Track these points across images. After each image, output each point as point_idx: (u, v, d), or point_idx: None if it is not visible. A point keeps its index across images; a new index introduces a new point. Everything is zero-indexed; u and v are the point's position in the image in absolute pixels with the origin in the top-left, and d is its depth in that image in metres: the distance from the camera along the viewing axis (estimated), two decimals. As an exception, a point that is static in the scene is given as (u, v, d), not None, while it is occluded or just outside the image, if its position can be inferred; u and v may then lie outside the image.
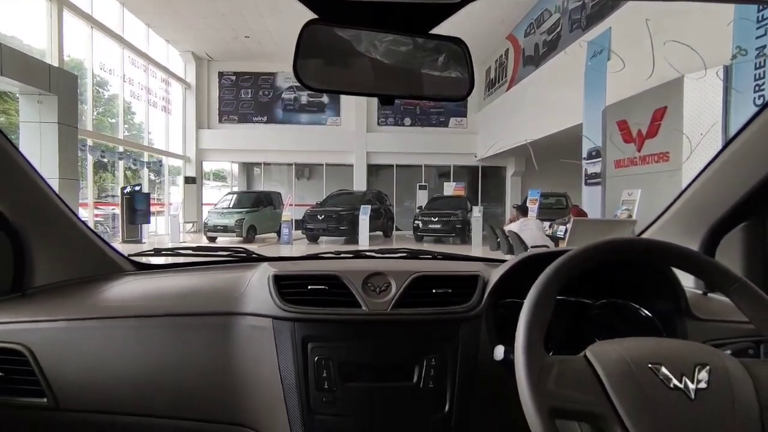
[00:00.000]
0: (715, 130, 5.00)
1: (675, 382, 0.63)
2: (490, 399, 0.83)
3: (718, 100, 4.98)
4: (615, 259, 0.72)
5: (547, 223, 7.37)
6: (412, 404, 0.79)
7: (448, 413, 0.79)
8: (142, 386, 0.85)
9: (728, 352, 0.69)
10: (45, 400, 0.85)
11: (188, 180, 14.59)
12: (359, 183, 14.97)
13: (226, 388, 0.84)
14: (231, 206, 11.98)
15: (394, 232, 13.43)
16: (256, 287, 0.91)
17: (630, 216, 6.00)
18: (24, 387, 0.86)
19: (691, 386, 0.63)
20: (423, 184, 14.34)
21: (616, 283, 1.01)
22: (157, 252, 1.35)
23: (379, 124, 15.61)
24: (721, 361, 0.66)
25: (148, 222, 10.97)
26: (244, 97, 15.57)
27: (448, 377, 0.81)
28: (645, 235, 1.13)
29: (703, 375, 0.64)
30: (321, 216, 11.16)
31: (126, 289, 1.06)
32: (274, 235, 12.41)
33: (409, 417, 0.79)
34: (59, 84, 7.28)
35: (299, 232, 11.55)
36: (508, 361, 0.72)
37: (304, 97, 15.61)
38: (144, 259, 1.30)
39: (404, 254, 1.20)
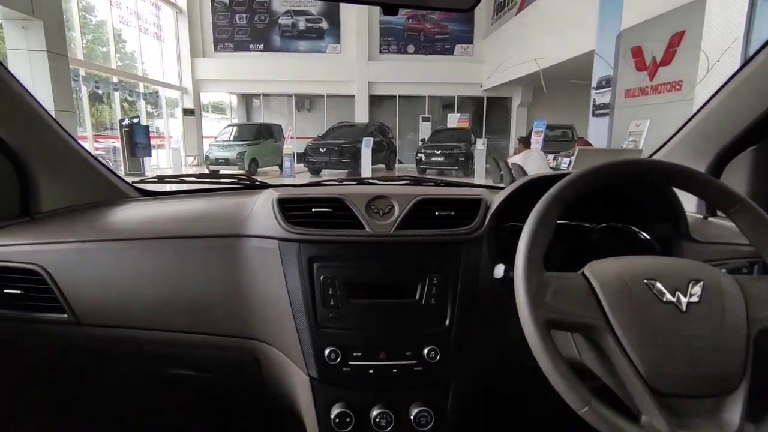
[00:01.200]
0: (735, 48, 4.75)
1: (668, 296, 0.65)
2: (489, 315, 0.87)
3: (741, 19, 4.69)
4: (619, 180, 0.72)
5: (551, 156, 7.29)
6: (414, 319, 0.83)
7: (449, 327, 0.83)
8: (156, 304, 0.89)
9: (723, 270, 0.71)
10: (66, 316, 0.89)
11: (186, 112, 14.28)
12: (361, 115, 14.63)
13: (237, 306, 0.88)
14: (232, 139, 11.83)
15: (397, 165, 13.35)
16: (261, 211, 0.92)
17: (636, 147, 5.92)
18: (44, 304, 0.90)
19: (684, 300, 0.65)
20: (426, 116, 14.01)
21: (616, 208, 1.01)
22: (161, 179, 1.35)
23: (381, 51, 14.93)
24: (715, 277, 0.67)
25: (149, 155, 10.90)
26: (239, 23, 14.78)
27: (449, 295, 0.84)
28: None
29: (696, 290, 0.66)
30: (323, 149, 11.04)
31: (133, 213, 1.08)
32: (276, 168, 12.37)
33: (410, 330, 0.83)
34: (42, 7, 6.89)
35: (301, 165, 11.49)
36: (508, 279, 0.74)
37: (302, 22, 14.81)
38: (148, 187, 1.31)
39: (407, 182, 1.20)
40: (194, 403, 1.16)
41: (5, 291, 0.91)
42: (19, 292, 0.90)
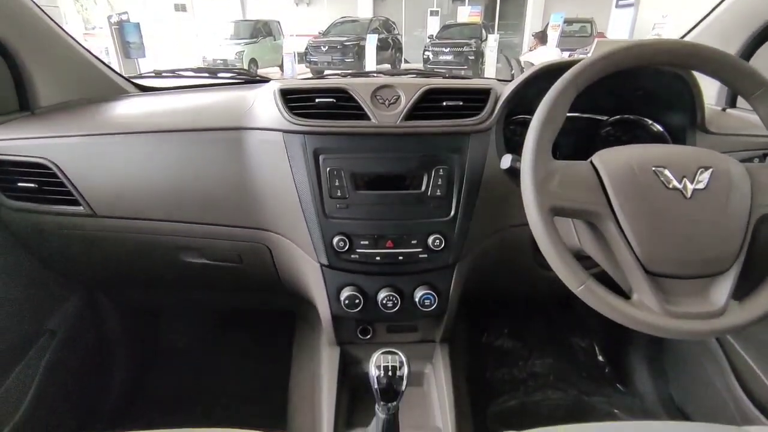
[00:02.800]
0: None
1: (675, 183, 0.65)
2: (494, 206, 0.88)
3: None
4: (637, 63, 0.68)
5: (567, 53, 6.87)
6: (419, 209, 0.85)
7: (453, 217, 0.85)
8: (167, 196, 0.91)
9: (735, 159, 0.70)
10: (82, 208, 0.92)
11: (178, 8, 13.31)
12: (364, 9, 13.57)
13: (245, 198, 0.90)
14: (228, 38, 11.16)
15: (403, 65, 12.70)
16: (264, 103, 0.90)
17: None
18: (59, 197, 0.92)
19: (690, 186, 0.65)
20: (435, 9, 12.96)
21: (630, 101, 0.98)
22: (158, 73, 1.31)
23: (386, -68, 13.42)
24: (724, 165, 0.67)
25: (144, 56, 10.37)
26: None
27: (454, 186, 0.84)
28: None
29: (704, 177, 0.66)
30: (324, 47, 10.43)
31: (134, 108, 1.06)
32: (276, 69, 11.82)
33: (416, 220, 0.85)
34: None
35: (303, 65, 10.96)
36: (515, 169, 0.74)
37: None
38: (145, 83, 1.27)
39: (414, 75, 1.15)
40: (211, 288, 1.24)
41: (19, 184, 0.93)
42: (33, 185, 0.93)
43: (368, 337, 1.02)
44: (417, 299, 0.89)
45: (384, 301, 0.88)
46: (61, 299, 1.16)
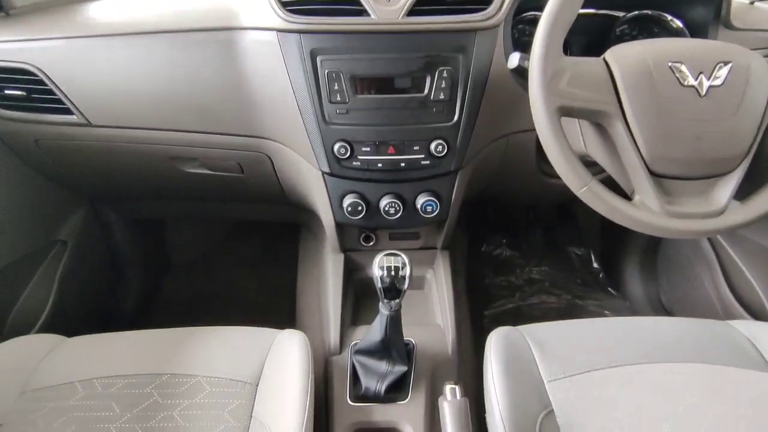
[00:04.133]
0: None
1: (690, 80, 0.62)
2: (499, 111, 0.86)
3: None
4: None
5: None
6: (422, 113, 0.82)
7: (457, 122, 0.83)
8: (160, 104, 0.89)
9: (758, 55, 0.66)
10: (75, 116, 0.90)
11: None
12: None
13: (242, 105, 0.87)
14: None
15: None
16: (255, 0, 0.84)
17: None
18: (50, 105, 0.90)
19: (705, 83, 0.62)
20: None
21: None
22: None
23: None
24: (745, 60, 0.63)
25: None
26: None
27: (459, 89, 0.81)
28: None
29: (722, 72, 0.62)
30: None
31: (116, 8, 0.98)
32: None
33: (418, 125, 0.83)
34: None
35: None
36: (522, 69, 0.70)
37: None
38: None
39: None
40: (214, 199, 1.26)
41: (7, 92, 0.90)
42: (21, 93, 0.89)
43: (371, 244, 1.05)
44: (419, 206, 0.90)
45: (386, 208, 0.89)
46: (68, 212, 1.18)
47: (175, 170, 1.02)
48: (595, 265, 1.66)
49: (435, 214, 0.91)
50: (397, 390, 0.79)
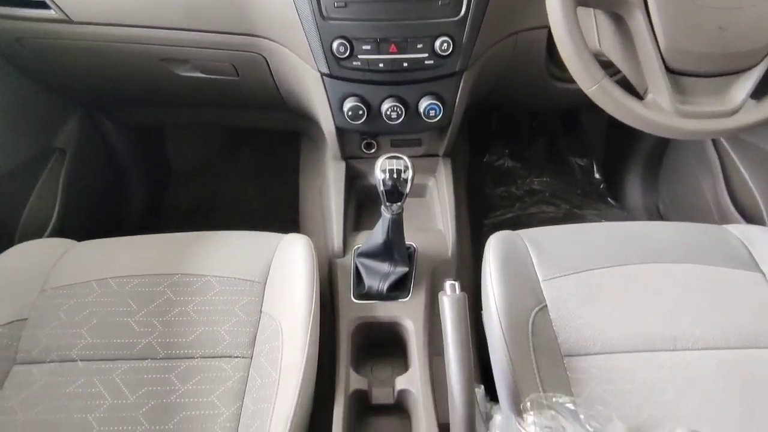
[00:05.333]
0: None
1: None
2: (509, 4, 0.80)
3: None
4: None
5: None
6: (427, 6, 0.77)
7: (464, 16, 0.78)
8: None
9: None
10: (53, 12, 0.84)
11: None
12: None
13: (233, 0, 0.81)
14: None
15: None
16: None
17: None
18: None
19: None
20: None
21: None
22: None
23: None
24: None
25: None
26: None
27: None
28: None
29: None
30: None
31: None
32: None
33: (422, 21, 0.78)
34: None
35: None
36: None
37: None
38: None
39: None
40: (211, 105, 1.22)
41: None
42: None
43: (372, 151, 1.04)
44: (422, 110, 0.87)
45: (388, 112, 0.87)
46: (62, 119, 1.15)
47: (168, 73, 0.97)
48: (597, 175, 1.66)
49: (438, 118, 0.89)
50: (398, 289, 0.83)
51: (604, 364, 0.69)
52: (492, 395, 0.74)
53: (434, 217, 1.02)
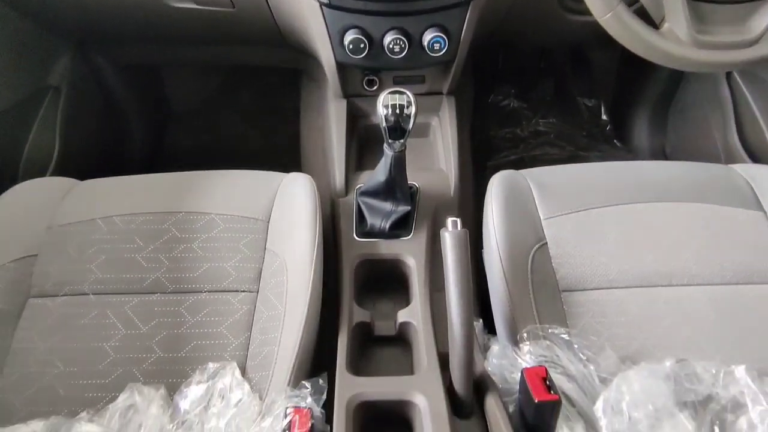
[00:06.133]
0: None
1: None
2: None
3: None
4: None
5: None
6: None
7: None
8: None
9: None
10: None
11: None
12: None
13: None
14: None
15: None
16: None
17: None
18: None
19: None
20: None
21: None
22: None
23: None
24: None
25: None
26: None
27: None
28: None
29: None
30: None
31: None
32: None
33: None
34: None
35: None
36: None
37: None
38: None
39: None
40: (207, 41, 1.18)
41: None
42: None
43: (374, 88, 1.01)
44: (426, 43, 0.83)
45: (391, 46, 0.83)
46: (54, 57, 1.11)
47: (159, 4, 0.93)
48: (604, 117, 1.62)
49: (443, 52, 0.85)
50: (400, 228, 0.84)
51: (600, 299, 0.71)
52: (490, 329, 0.77)
53: (437, 157, 1.01)
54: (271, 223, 0.77)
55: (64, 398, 0.63)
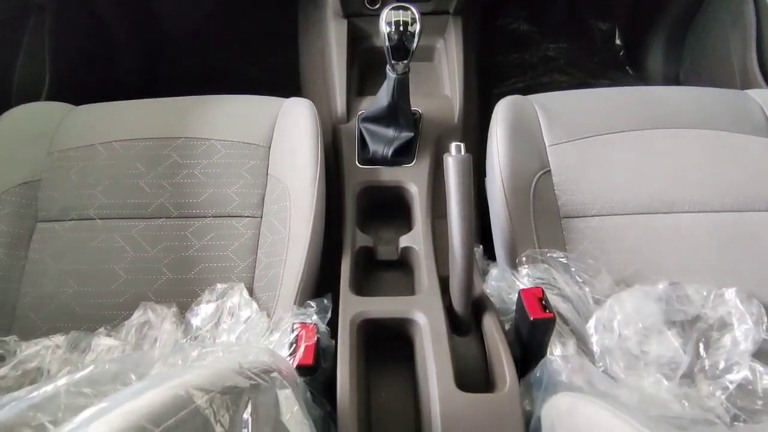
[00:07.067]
0: None
1: None
2: None
3: None
4: None
5: None
6: None
7: None
8: None
9: None
10: None
11: None
12: None
13: None
14: None
15: None
16: None
17: None
18: None
19: None
20: None
21: None
22: None
23: None
24: None
25: None
26: None
27: None
28: None
29: None
30: None
31: None
32: None
33: None
34: None
35: None
36: None
37: None
38: None
39: None
40: None
41: None
42: None
43: (376, 7, 0.95)
44: None
45: None
46: None
47: None
48: (618, 41, 1.54)
49: None
50: (403, 155, 0.83)
51: (600, 225, 0.71)
52: (490, 256, 0.79)
53: (442, 83, 0.98)
54: (273, 149, 0.76)
55: (81, 316, 0.67)
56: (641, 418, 0.31)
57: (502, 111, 0.77)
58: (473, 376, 0.58)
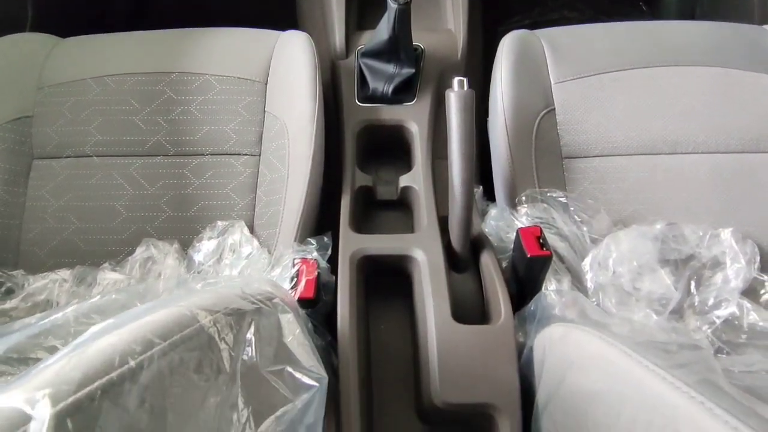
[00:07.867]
0: None
1: None
2: None
3: None
4: None
5: None
6: None
7: None
8: None
9: None
10: None
11: None
12: None
13: None
14: None
15: None
16: None
17: None
18: None
19: None
20: None
21: None
22: None
23: None
24: None
25: None
26: None
27: None
28: None
29: None
30: None
31: None
32: None
33: None
34: None
35: None
36: None
37: None
38: None
39: None
40: None
41: None
42: None
43: None
44: None
45: None
46: None
47: None
48: (633, -24, 1.46)
49: None
50: (404, 92, 0.81)
51: (601, 166, 0.71)
52: (490, 198, 0.79)
53: (445, 16, 0.93)
54: (269, 85, 0.74)
55: (85, 251, 0.68)
56: (630, 343, 0.33)
57: (508, 46, 0.74)
58: (470, 310, 0.59)
